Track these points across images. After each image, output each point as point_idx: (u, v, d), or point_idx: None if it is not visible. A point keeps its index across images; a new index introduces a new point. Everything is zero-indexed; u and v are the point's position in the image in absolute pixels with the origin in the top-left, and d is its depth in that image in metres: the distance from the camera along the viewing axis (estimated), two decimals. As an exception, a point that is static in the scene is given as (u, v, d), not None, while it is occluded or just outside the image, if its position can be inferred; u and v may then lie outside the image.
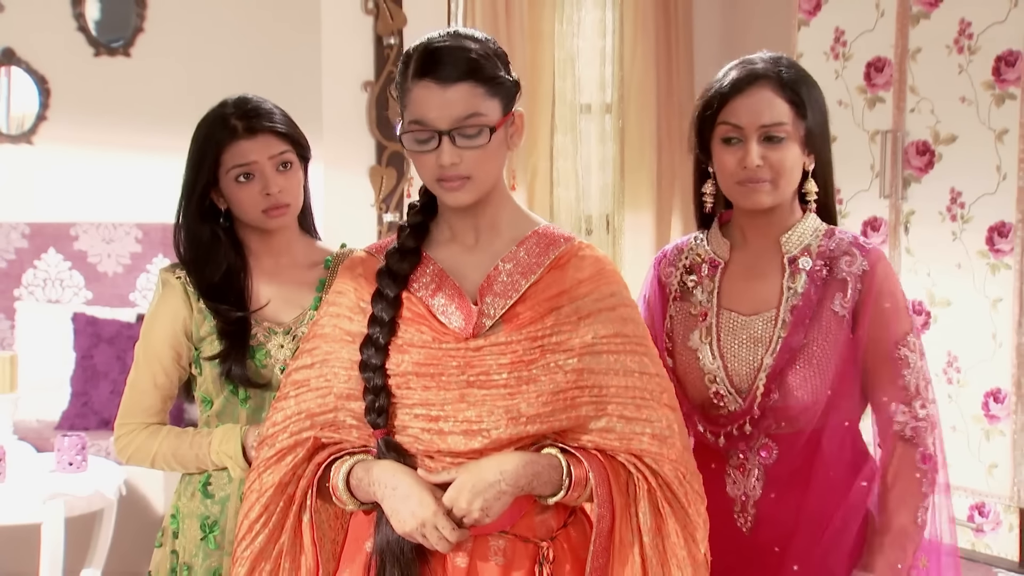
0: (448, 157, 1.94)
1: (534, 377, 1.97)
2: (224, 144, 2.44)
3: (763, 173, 2.18)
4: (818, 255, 2.23)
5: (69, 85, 5.48)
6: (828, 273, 2.22)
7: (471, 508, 1.93)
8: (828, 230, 2.27)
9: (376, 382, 1.99)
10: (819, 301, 2.21)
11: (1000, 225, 4.26)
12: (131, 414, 2.52)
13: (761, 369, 2.21)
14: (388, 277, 2.04)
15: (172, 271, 2.52)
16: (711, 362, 2.25)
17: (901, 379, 2.20)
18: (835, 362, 2.19)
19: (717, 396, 2.25)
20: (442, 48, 1.95)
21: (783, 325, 2.21)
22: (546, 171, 5.68)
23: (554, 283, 2.03)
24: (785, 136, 2.18)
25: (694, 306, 2.31)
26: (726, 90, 2.21)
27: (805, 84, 2.22)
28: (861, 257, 2.21)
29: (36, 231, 5.33)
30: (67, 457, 4.19)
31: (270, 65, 5.25)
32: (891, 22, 4.55)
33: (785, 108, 2.19)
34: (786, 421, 2.20)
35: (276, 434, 2.09)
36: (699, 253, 2.33)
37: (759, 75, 2.20)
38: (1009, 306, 4.23)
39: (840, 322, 2.20)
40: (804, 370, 2.19)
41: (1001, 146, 4.24)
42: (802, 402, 2.19)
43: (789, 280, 2.23)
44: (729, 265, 2.30)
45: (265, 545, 2.07)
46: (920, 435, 2.20)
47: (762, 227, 2.27)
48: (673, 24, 5.81)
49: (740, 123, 2.19)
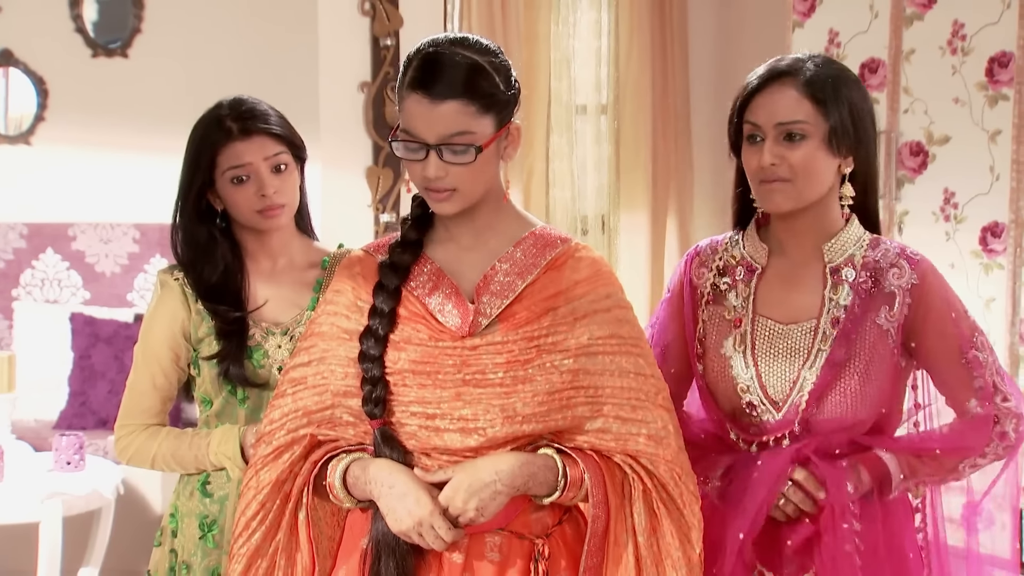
0: (433, 171, 1.95)
1: (530, 377, 1.98)
2: (219, 146, 2.44)
3: (781, 172, 2.12)
4: (863, 266, 2.16)
5: (67, 86, 5.48)
6: (874, 286, 2.15)
7: (467, 508, 1.94)
8: (873, 240, 2.20)
9: (374, 373, 2.00)
10: (863, 314, 2.14)
11: (993, 225, 4.26)
12: (131, 415, 2.53)
13: (799, 382, 2.15)
14: (389, 269, 2.06)
15: (170, 272, 2.53)
16: (744, 371, 2.19)
17: (978, 379, 2.16)
18: (879, 379, 2.14)
19: (750, 406, 2.19)
20: (440, 60, 1.95)
21: (823, 337, 2.15)
22: (542, 172, 5.68)
23: (550, 284, 2.04)
24: (804, 135, 2.11)
25: (728, 311, 2.24)
26: (750, 88, 2.17)
27: (833, 82, 2.13)
28: (910, 270, 2.15)
29: (34, 231, 5.33)
30: (65, 456, 4.20)
31: (267, 66, 5.24)
32: (885, 23, 4.56)
33: (807, 106, 2.11)
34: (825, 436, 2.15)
35: (273, 432, 2.10)
36: (734, 255, 2.26)
37: (781, 72, 2.15)
38: (1002, 306, 4.24)
39: (884, 337, 2.14)
40: (847, 386, 2.13)
41: (994, 147, 4.25)
42: (844, 419, 2.13)
43: (831, 291, 2.17)
44: (767, 271, 2.23)
45: (261, 542, 2.08)
46: (1001, 419, 2.17)
47: (800, 233, 2.20)
48: (668, 25, 5.81)
49: (759, 121, 2.14)
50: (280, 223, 2.49)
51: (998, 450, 2.18)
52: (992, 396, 2.16)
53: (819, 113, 2.11)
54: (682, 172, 5.86)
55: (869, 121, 2.17)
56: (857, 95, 2.15)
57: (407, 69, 1.98)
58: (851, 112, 2.13)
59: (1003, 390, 2.17)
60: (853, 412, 2.13)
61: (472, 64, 1.96)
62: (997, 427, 2.16)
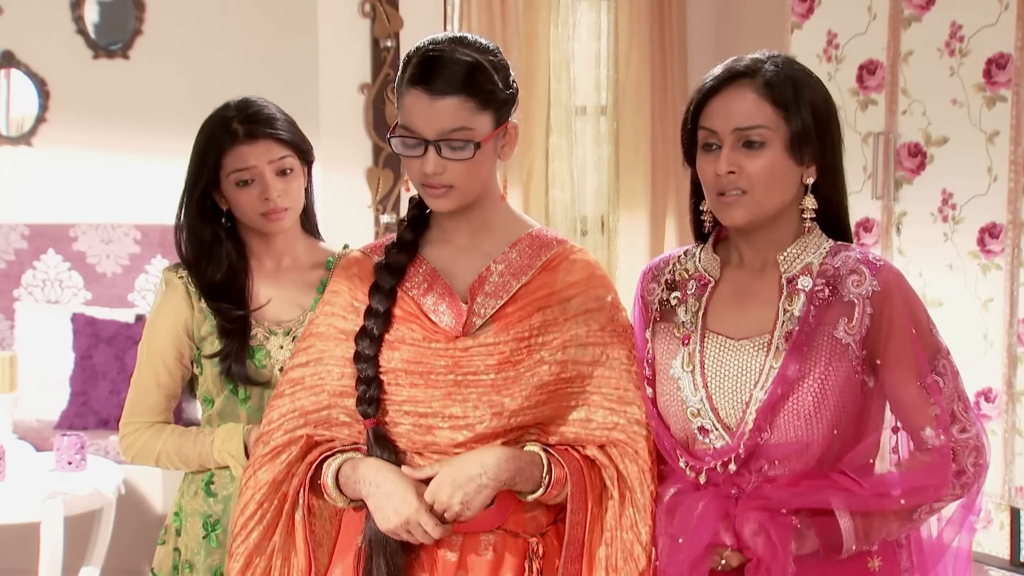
0: (432, 167, 1.96)
1: (520, 375, 2.00)
2: (225, 147, 2.45)
3: (739, 182, 1.92)
4: (819, 273, 1.96)
5: (68, 87, 5.48)
6: (831, 294, 1.94)
7: (452, 502, 1.95)
8: (835, 247, 1.99)
9: (369, 373, 2.02)
10: (818, 326, 1.93)
11: (991, 226, 4.26)
12: (135, 413, 2.53)
13: (751, 403, 1.94)
14: (385, 270, 2.07)
15: (175, 270, 2.54)
16: (693, 394, 1.98)
17: (935, 407, 1.93)
18: (836, 396, 1.91)
19: (702, 431, 1.98)
20: (439, 57, 1.96)
21: (776, 353, 1.93)
22: (541, 172, 5.67)
23: (544, 285, 2.06)
24: (764, 141, 1.92)
25: (677, 328, 2.04)
26: (705, 90, 1.98)
27: (795, 83, 1.94)
28: (871, 276, 1.93)
29: (35, 232, 5.33)
30: (66, 456, 4.20)
31: (267, 67, 5.24)
32: (883, 25, 4.55)
33: (767, 109, 1.92)
34: (779, 461, 1.93)
35: (271, 432, 2.11)
36: (687, 268, 2.08)
37: (738, 73, 1.95)
38: (1000, 306, 4.23)
39: (843, 351, 1.92)
40: (799, 405, 1.91)
41: (992, 148, 4.24)
42: (796, 442, 1.91)
43: (786, 302, 1.96)
44: (719, 284, 2.04)
45: (260, 541, 2.10)
46: (957, 453, 1.93)
47: (758, 245, 2.01)
48: (667, 27, 5.81)
49: (714, 127, 1.95)
50: (283, 227, 2.50)
51: (956, 489, 1.94)
52: (949, 426, 1.93)
53: (780, 117, 1.92)
54: (681, 173, 5.85)
55: (835, 125, 1.98)
56: (820, 97, 1.96)
57: (407, 67, 2.00)
58: (815, 116, 1.94)
59: (962, 419, 1.94)
60: (808, 434, 1.91)
61: (472, 61, 1.97)
62: (953, 464, 1.92)
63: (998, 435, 4.25)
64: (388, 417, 2.03)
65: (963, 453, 1.93)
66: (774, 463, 1.93)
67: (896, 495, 1.90)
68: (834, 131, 1.98)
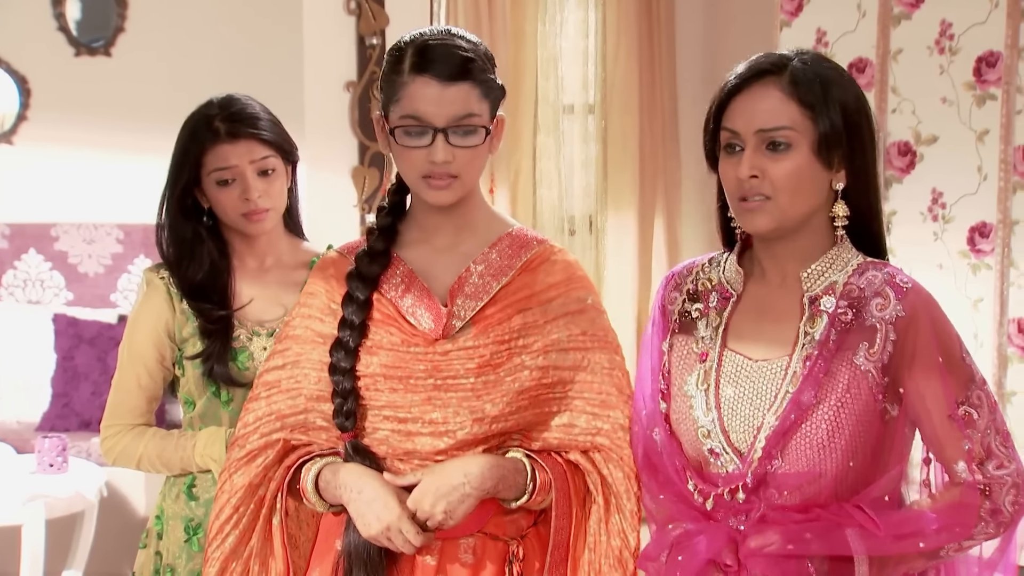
0: (442, 155, 1.93)
1: (500, 379, 1.99)
2: (206, 146, 2.43)
3: (762, 187, 1.82)
4: (842, 295, 1.84)
5: (50, 85, 5.46)
6: (854, 317, 1.82)
7: (434, 511, 1.94)
8: (862, 264, 1.87)
9: (345, 385, 2.01)
10: (838, 351, 1.82)
11: (981, 225, 4.26)
12: (116, 415, 2.52)
13: (763, 428, 1.83)
14: (358, 279, 2.05)
15: (156, 271, 2.52)
16: (705, 414, 1.89)
17: (967, 440, 1.81)
18: (853, 426, 1.81)
19: (713, 454, 1.88)
20: (441, 45, 1.95)
21: (793, 378, 1.83)
22: (529, 171, 5.67)
23: (525, 286, 2.04)
24: (790, 143, 1.81)
25: (696, 342, 1.94)
26: (728, 89, 1.87)
27: (824, 81, 1.83)
28: (895, 300, 1.81)
29: (16, 231, 5.31)
30: (48, 458, 4.19)
31: (252, 65, 5.23)
32: (872, 23, 4.55)
33: (793, 109, 1.81)
34: (789, 492, 1.82)
35: (247, 435, 2.10)
36: (710, 278, 1.98)
37: (763, 70, 1.85)
38: (990, 306, 4.23)
39: (862, 378, 1.81)
40: (812, 433, 1.80)
41: (982, 147, 4.24)
42: (808, 472, 1.81)
43: (807, 324, 1.85)
44: (742, 299, 1.93)
45: (236, 546, 2.09)
46: (993, 491, 1.81)
47: (781, 257, 1.89)
48: (656, 24, 5.80)
49: (737, 128, 1.84)
50: (264, 228, 2.48)
51: (989, 528, 1.81)
52: (984, 462, 1.81)
53: (807, 118, 1.82)
54: (670, 172, 5.84)
55: (866, 127, 1.86)
56: (851, 97, 1.85)
57: (402, 56, 1.97)
58: (844, 117, 1.83)
59: (999, 454, 1.82)
60: (820, 464, 1.81)
61: (471, 51, 1.97)
62: (988, 502, 1.80)
63: (988, 436, 4.26)
64: (367, 423, 2.02)
65: (999, 490, 1.81)
66: (783, 493, 1.83)
67: (916, 539, 1.79)
68: (866, 133, 1.85)
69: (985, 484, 1.81)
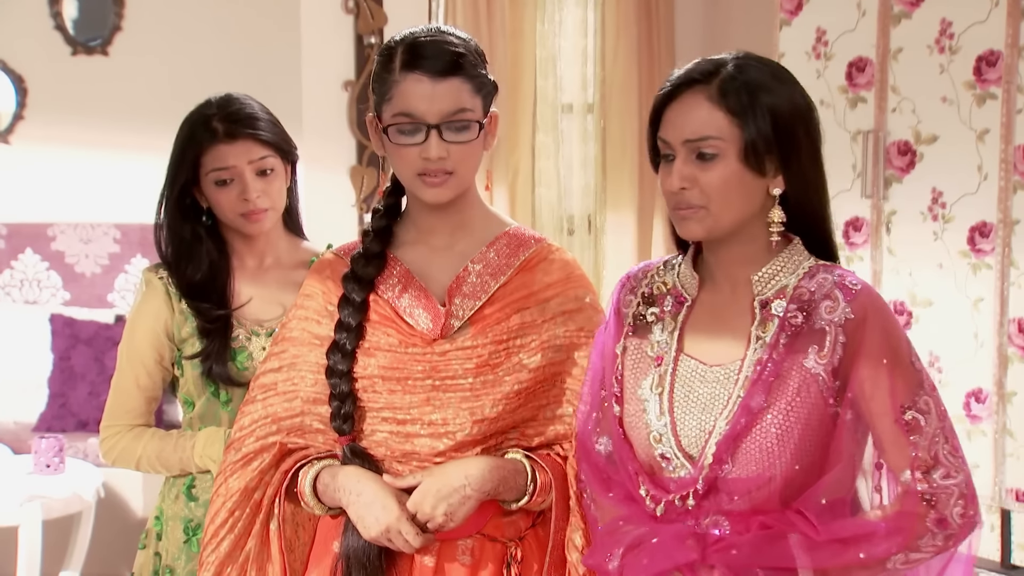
0: (436, 151, 1.93)
1: (499, 379, 1.99)
2: (204, 146, 2.43)
3: (691, 198, 1.80)
4: (793, 298, 1.82)
5: (46, 84, 5.44)
6: (804, 321, 1.81)
7: (435, 513, 1.93)
8: (813, 267, 1.86)
9: (342, 388, 2.00)
10: (788, 355, 1.80)
11: (981, 225, 4.25)
12: (115, 416, 2.51)
13: (714, 433, 1.81)
14: (354, 281, 2.04)
15: (155, 271, 2.52)
16: (657, 418, 1.86)
17: (911, 447, 1.78)
18: (801, 429, 1.78)
19: (664, 459, 1.86)
20: (431, 42, 1.95)
21: (745, 382, 1.81)
22: (528, 170, 5.66)
23: (522, 286, 2.04)
24: (717, 152, 1.79)
25: (650, 346, 1.91)
26: (660, 98, 1.86)
27: (752, 88, 1.80)
28: (844, 303, 1.80)
29: (13, 231, 5.29)
30: (44, 459, 4.18)
31: (249, 64, 5.22)
32: (872, 22, 4.54)
33: (719, 118, 1.79)
34: (739, 497, 1.80)
35: (243, 438, 2.09)
36: (665, 281, 1.95)
37: (691, 79, 1.82)
38: (990, 306, 4.22)
39: (813, 381, 1.79)
40: (762, 438, 1.78)
41: (982, 146, 4.23)
42: (757, 476, 1.79)
43: (758, 328, 1.83)
44: (696, 304, 1.91)
45: (231, 550, 2.08)
46: (939, 501, 1.77)
47: (728, 262, 1.88)
48: (655, 23, 5.80)
49: (667, 137, 1.83)
50: (263, 227, 2.47)
51: (937, 540, 1.77)
52: (930, 470, 1.77)
53: (734, 126, 1.78)
54: (668, 172, 5.83)
55: (802, 130, 1.82)
56: (784, 101, 1.81)
57: (393, 55, 1.96)
58: (774, 122, 1.79)
59: (946, 463, 1.77)
60: (769, 468, 1.78)
61: (462, 47, 1.97)
62: (933, 512, 1.76)
63: (988, 436, 4.25)
64: (366, 425, 2.02)
65: (946, 501, 1.76)
66: (734, 499, 1.81)
67: (858, 547, 1.76)
68: (801, 137, 1.82)
69: (931, 494, 1.77)
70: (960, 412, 4.33)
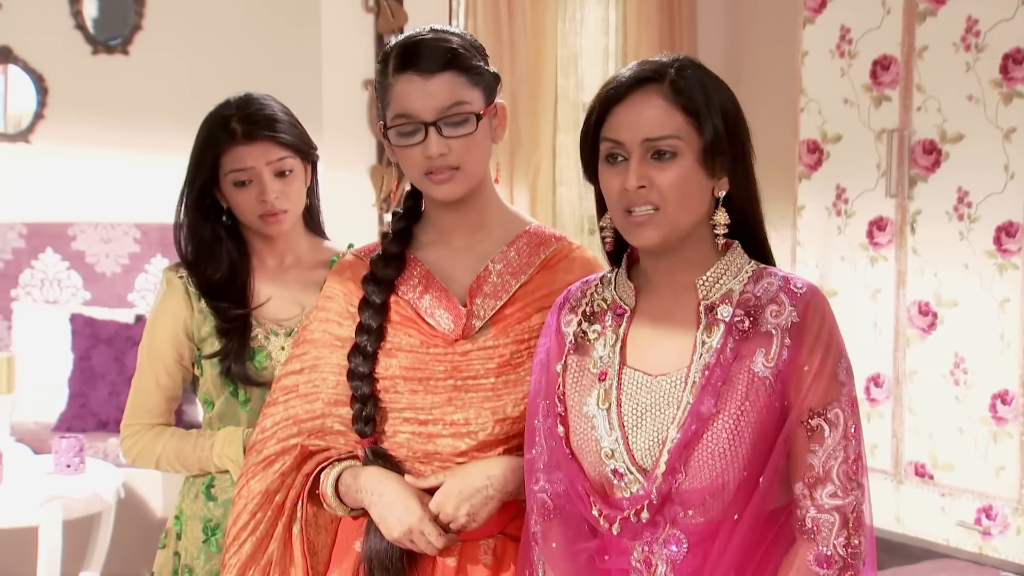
0: (436, 147, 1.93)
1: (520, 379, 1.98)
2: (223, 147, 2.42)
3: (650, 197, 1.77)
4: (739, 303, 1.80)
5: (67, 83, 5.45)
6: (751, 325, 1.78)
7: (458, 514, 1.94)
8: (757, 271, 1.83)
9: (364, 391, 2.00)
10: (736, 359, 1.77)
11: (1008, 225, 4.23)
12: (136, 415, 2.51)
13: (666, 443, 1.77)
14: (373, 283, 2.04)
15: (175, 270, 2.51)
16: (608, 433, 1.81)
17: (813, 456, 1.75)
18: (752, 434, 1.75)
19: (616, 475, 1.81)
20: (421, 41, 1.96)
21: (692, 388, 1.78)
22: (548, 170, 5.66)
23: (543, 284, 2.04)
24: (675, 152, 1.77)
25: (593, 363, 1.87)
26: (606, 98, 1.81)
27: (705, 88, 1.79)
28: (790, 306, 1.77)
29: (33, 231, 5.30)
30: (65, 459, 4.18)
31: (270, 63, 5.22)
32: (897, 20, 4.52)
33: (677, 118, 1.77)
34: (693, 508, 1.77)
35: (264, 440, 2.09)
36: (604, 297, 1.90)
37: (645, 78, 1.79)
38: (1017, 307, 4.20)
39: (762, 385, 1.76)
40: (713, 445, 1.75)
41: (1009, 145, 4.21)
42: (709, 485, 1.75)
43: (704, 333, 1.80)
44: (636, 314, 1.86)
45: (253, 552, 2.08)
46: (821, 530, 1.74)
47: (668, 269, 1.84)
48: (677, 22, 5.79)
49: (621, 138, 1.78)
50: (281, 228, 2.47)
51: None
52: (817, 484, 1.75)
53: (691, 126, 1.77)
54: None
55: (745, 132, 1.83)
56: (730, 102, 1.81)
57: (387, 60, 1.98)
58: (725, 122, 1.79)
59: (837, 481, 1.74)
60: (722, 476, 1.75)
61: (453, 42, 1.98)
62: (815, 550, 1.73)
63: (1015, 438, 4.22)
64: (387, 426, 2.01)
65: (827, 532, 1.74)
66: (688, 512, 1.77)
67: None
68: (744, 138, 1.82)
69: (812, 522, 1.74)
70: (986, 414, 4.31)
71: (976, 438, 4.35)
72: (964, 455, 4.36)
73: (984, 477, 4.32)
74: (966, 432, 4.37)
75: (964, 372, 4.36)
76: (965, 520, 4.35)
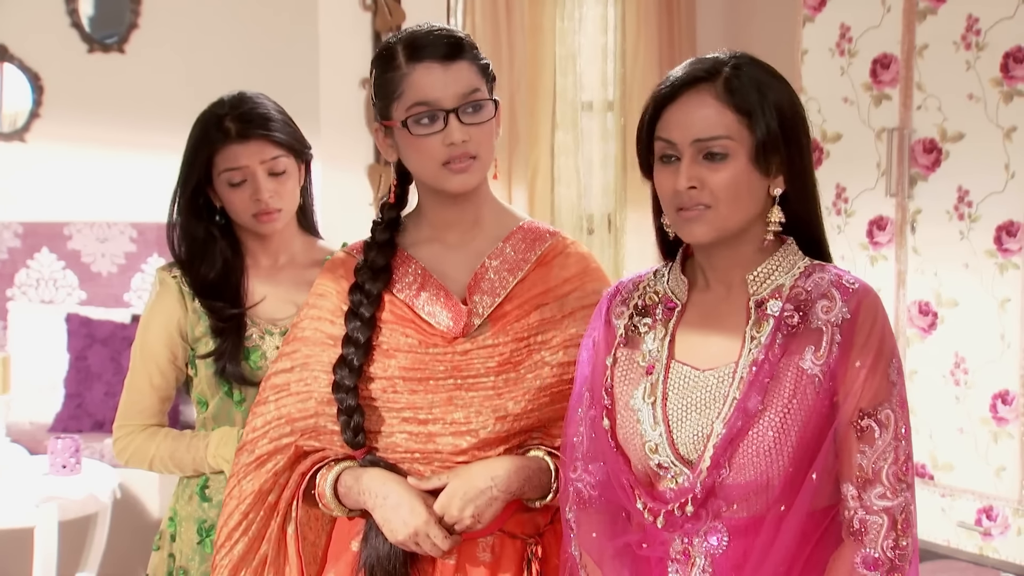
0: (459, 134, 1.92)
1: (521, 377, 1.98)
2: (216, 146, 2.42)
3: (701, 197, 1.76)
4: (789, 297, 1.79)
5: (63, 82, 5.44)
6: (801, 321, 1.77)
7: (463, 515, 1.93)
8: (809, 267, 1.83)
9: (349, 403, 1.98)
10: (785, 355, 1.76)
11: (1008, 224, 4.22)
12: (129, 415, 2.51)
13: (711, 437, 1.77)
14: (362, 294, 2.02)
15: (168, 270, 2.51)
16: (652, 428, 1.81)
17: (858, 455, 1.74)
18: (799, 432, 1.74)
19: (661, 468, 1.81)
20: (428, 33, 1.97)
21: (740, 383, 1.77)
22: (547, 169, 5.66)
23: (539, 281, 2.03)
24: (727, 153, 1.75)
25: (642, 356, 1.86)
26: (660, 97, 1.81)
27: (759, 86, 1.78)
28: (842, 302, 1.76)
29: (29, 230, 5.29)
30: (60, 460, 4.17)
31: (267, 62, 5.22)
32: (897, 18, 4.51)
33: (729, 117, 1.76)
34: (737, 503, 1.77)
35: (256, 440, 2.08)
36: (656, 291, 1.90)
37: (697, 77, 1.78)
38: (1017, 306, 4.19)
39: (810, 383, 1.75)
40: (760, 441, 1.74)
41: (1009, 144, 4.20)
42: (753, 481, 1.75)
43: (753, 328, 1.79)
44: (687, 309, 1.86)
45: (245, 553, 2.07)
46: (869, 532, 1.73)
47: (721, 265, 1.84)
48: (676, 20, 5.79)
49: (672, 138, 1.78)
50: (275, 227, 2.46)
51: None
52: (867, 486, 1.74)
53: (743, 126, 1.76)
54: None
55: (803, 130, 1.81)
56: (787, 100, 1.80)
57: (394, 54, 1.97)
58: (781, 121, 1.78)
59: (887, 483, 1.73)
60: (767, 472, 1.74)
61: (460, 34, 2.00)
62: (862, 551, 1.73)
63: (1015, 438, 4.22)
64: (385, 426, 2.00)
65: (876, 534, 1.73)
66: (732, 506, 1.77)
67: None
68: (802, 136, 1.81)
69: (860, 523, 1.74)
70: (986, 414, 4.30)
71: (976, 438, 4.34)
72: (964, 455, 4.35)
73: (984, 478, 4.31)
74: (966, 432, 4.36)
75: (964, 372, 4.35)
76: (965, 521, 4.34)
